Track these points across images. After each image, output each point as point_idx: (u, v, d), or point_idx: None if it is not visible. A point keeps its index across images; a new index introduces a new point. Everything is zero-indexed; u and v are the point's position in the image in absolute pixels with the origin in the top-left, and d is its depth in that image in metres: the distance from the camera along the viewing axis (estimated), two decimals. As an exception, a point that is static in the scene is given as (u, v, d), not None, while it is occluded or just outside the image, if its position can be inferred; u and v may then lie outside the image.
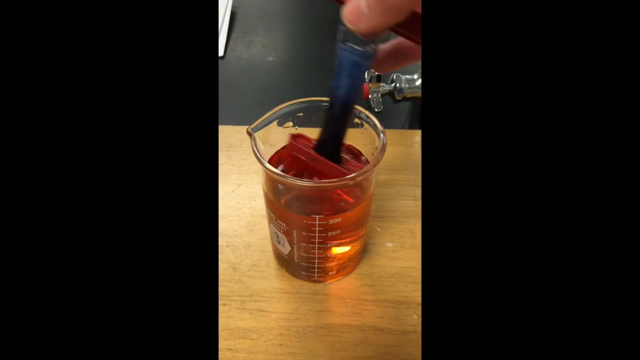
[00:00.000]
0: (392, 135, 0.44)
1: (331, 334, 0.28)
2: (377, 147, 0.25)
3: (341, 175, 0.23)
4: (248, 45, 0.62)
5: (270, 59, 0.59)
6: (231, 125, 0.44)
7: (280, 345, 0.27)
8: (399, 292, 0.30)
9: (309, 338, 0.28)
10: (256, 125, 0.25)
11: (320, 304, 0.29)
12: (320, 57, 0.60)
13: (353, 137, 0.27)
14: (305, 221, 0.25)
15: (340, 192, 0.26)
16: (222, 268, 0.31)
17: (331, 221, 0.25)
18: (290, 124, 0.28)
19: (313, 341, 0.27)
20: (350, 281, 0.31)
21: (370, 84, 0.44)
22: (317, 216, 0.24)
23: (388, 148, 0.43)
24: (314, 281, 0.30)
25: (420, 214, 0.36)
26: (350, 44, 0.20)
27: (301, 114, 0.27)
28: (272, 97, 0.52)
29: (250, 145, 0.42)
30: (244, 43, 0.63)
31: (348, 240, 0.27)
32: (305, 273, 0.30)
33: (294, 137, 0.25)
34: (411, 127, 0.48)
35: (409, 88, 0.44)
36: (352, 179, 0.22)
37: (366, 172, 0.22)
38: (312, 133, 0.29)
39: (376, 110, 0.44)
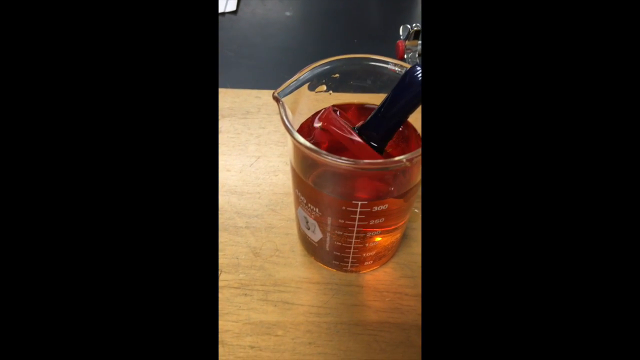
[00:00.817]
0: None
1: (367, 333, 0.24)
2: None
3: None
4: (263, -2, 0.56)
5: (288, 13, 0.53)
6: (247, 89, 0.40)
7: (310, 343, 0.24)
8: (444, 286, 0.26)
9: (342, 336, 0.24)
10: (284, 89, 0.20)
11: (353, 297, 0.26)
12: (343, 11, 0.54)
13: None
14: (343, 207, 0.21)
15: (390, 174, 0.21)
16: (242, 252, 0.28)
17: (375, 208, 0.20)
18: (324, 87, 0.23)
19: (347, 340, 0.24)
20: (387, 271, 0.27)
21: (407, 42, 0.38)
22: (360, 202, 0.20)
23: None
24: (347, 271, 0.27)
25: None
26: None
27: (337, 75, 0.22)
28: (291, 57, 0.46)
29: (269, 112, 0.38)
30: (258, -5, 0.56)
31: (391, 228, 0.23)
32: (337, 262, 0.26)
33: (333, 109, 0.21)
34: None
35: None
36: (409, 159, 0.17)
37: (416, 156, 0.18)
38: (349, 99, 0.24)
39: (413, 72, 0.38)
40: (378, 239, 0.23)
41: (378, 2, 0.56)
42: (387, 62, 0.22)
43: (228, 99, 0.38)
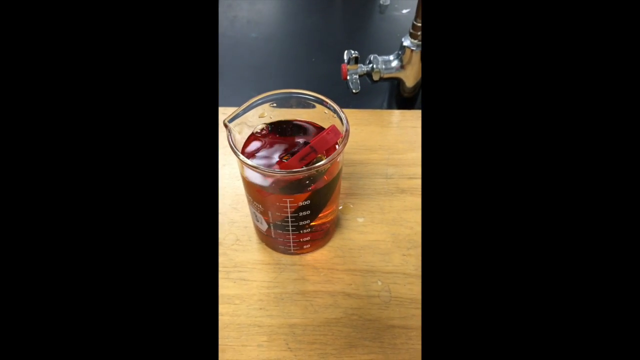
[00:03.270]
0: (369, 115, 0.46)
1: (305, 299, 0.32)
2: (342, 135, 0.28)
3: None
4: (232, 21, 0.63)
5: (253, 35, 0.60)
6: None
7: (260, 309, 0.31)
8: (366, 263, 0.34)
9: (285, 302, 0.32)
10: (232, 117, 0.28)
11: (296, 273, 0.33)
12: (306, 32, 0.61)
13: (313, 116, 0.30)
14: (277, 203, 0.28)
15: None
16: (208, 243, 0.35)
17: (301, 203, 0.28)
18: (265, 113, 0.30)
19: (289, 305, 0.31)
20: (323, 253, 0.34)
21: (349, 66, 0.46)
22: (288, 199, 0.27)
23: (364, 128, 0.45)
24: (291, 254, 0.34)
25: (390, 191, 0.39)
26: None
27: (275, 104, 0.30)
28: (258, 75, 0.53)
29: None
30: (227, 19, 0.63)
31: (319, 219, 0.31)
32: (282, 247, 0.33)
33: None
34: (389, 107, 0.50)
35: (385, 69, 0.46)
36: (318, 167, 0.25)
37: (331, 160, 0.25)
38: (286, 114, 0.31)
39: (354, 91, 0.46)
40: (309, 227, 0.31)
41: (338, 24, 0.64)
42: (313, 97, 0.29)
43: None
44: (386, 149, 0.42)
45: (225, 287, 0.32)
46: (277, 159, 0.29)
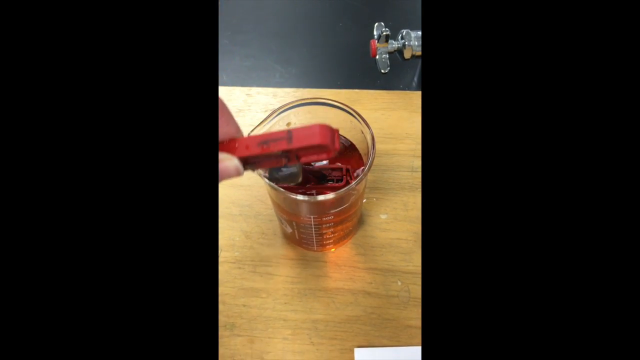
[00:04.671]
0: (397, 98, 0.44)
1: (327, 296, 0.34)
2: (368, 153, 0.27)
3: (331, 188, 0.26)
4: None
5: (277, -4, 0.56)
6: (239, 87, 0.45)
7: (285, 303, 0.33)
8: (387, 261, 0.35)
9: (308, 298, 0.34)
10: (256, 130, 0.27)
11: (319, 270, 0.35)
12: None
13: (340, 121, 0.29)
14: (302, 217, 0.28)
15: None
16: (237, 235, 0.37)
17: (325, 218, 0.28)
18: (291, 121, 0.29)
19: (312, 301, 0.33)
20: (346, 250, 0.36)
21: (378, 43, 0.43)
22: (312, 216, 0.28)
23: (391, 113, 0.44)
24: (314, 250, 0.35)
25: (415, 185, 0.38)
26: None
27: (299, 114, 0.29)
28: (280, 45, 0.51)
29: (258, 110, 0.44)
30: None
31: (341, 226, 0.31)
32: (307, 245, 0.34)
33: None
34: (419, 87, 0.47)
35: (418, 46, 0.43)
36: (346, 191, 0.25)
37: (350, 187, 0.25)
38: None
39: (382, 71, 0.43)
40: (332, 230, 0.32)
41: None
42: (340, 107, 0.28)
43: (221, 96, 0.44)
44: (414, 137, 0.41)
45: (253, 281, 0.34)
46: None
